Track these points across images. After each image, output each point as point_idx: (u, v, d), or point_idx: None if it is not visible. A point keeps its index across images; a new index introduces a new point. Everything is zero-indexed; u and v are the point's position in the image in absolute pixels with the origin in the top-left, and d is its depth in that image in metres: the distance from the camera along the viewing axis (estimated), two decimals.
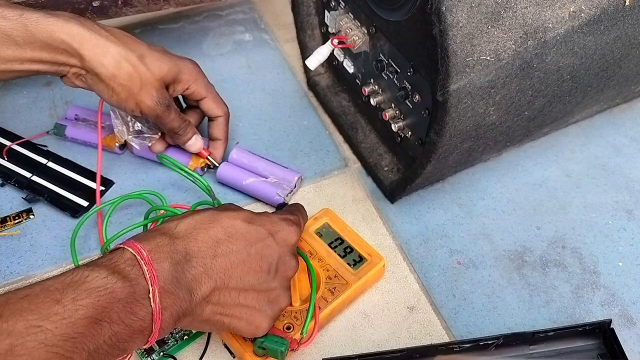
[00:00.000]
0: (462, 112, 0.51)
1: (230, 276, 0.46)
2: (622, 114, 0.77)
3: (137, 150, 0.67)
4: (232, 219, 0.48)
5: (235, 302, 0.47)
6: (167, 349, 0.54)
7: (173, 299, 0.42)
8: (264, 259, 0.48)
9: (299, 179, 0.66)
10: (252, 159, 0.68)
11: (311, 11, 0.72)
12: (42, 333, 0.36)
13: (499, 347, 0.52)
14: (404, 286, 0.60)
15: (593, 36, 0.54)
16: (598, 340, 0.53)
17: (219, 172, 0.67)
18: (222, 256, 0.46)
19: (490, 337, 0.51)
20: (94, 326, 0.38)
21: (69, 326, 0.37)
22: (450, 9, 0.45)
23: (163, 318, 0.42)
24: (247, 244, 0.47)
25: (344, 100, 0.75)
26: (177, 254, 0.44)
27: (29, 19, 0.54)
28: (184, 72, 0.62)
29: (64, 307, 0.37)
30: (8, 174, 0.66)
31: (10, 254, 0.61)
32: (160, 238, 0.44)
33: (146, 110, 0.59)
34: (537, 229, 0.65)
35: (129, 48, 0.58)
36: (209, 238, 0.46)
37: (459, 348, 0.52)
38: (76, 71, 0.58)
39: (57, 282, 0.39)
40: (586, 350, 0.53)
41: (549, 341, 0.53)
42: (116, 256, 0.42)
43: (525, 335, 0.52)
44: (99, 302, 0.39)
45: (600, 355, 0.53)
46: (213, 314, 0.46)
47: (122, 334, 0.40)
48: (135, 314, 0.40)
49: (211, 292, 0.45)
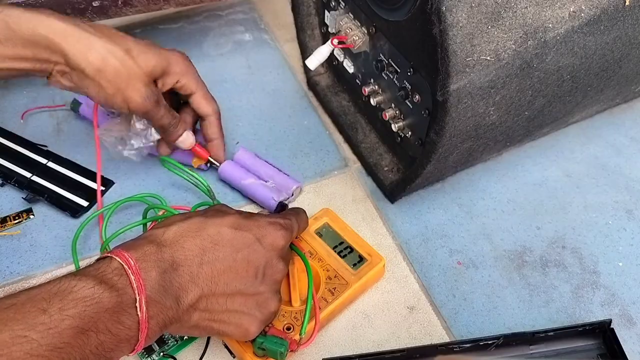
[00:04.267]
0: (462, 112, 0.51)
1: (217, 283, 0.46)
2: (622, 114, 0.77)
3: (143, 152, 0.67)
4: (219, 226, 0.47)
5: (223, 308, 0.47)
6: (167, 349, 0.54)
7: (160, 307, 0.42)
8: (250, 264, 0.47)
9: (297, 188, 0.66)
10: (256, 162, 0.68)
11: (311, 11, 0.72)
12: (27, 343, 0.36)
13: (499, 347, 0.52)
14: (404, 286, 0.60)
15: (593, 36, 0.54)
16: (598, 340, 0.53)
17: (221, 169, 0.67)
18: (209, 263, 0.46)
19: (490, 337, 0.51)
20: (81, 336, 0.38)
21: (55, 336, 0.37)
22: (450, 9, 0.45)
23: (149, 327, 0.42)
24: (233, 251, 0.47)
25: (344, 100, 0.75)
26: (164, 263, 0.44)
27: (10, 16, 0.53)
28: (173, 65, 0.60)
29: (50, 317, 0.37)
30: (8, 174, 0.66)
31: (10, 254, 0.61)
32: (147, 246, 0.44)
33: (134, 106, 0.57)
34: (537, 229, 0.65)
35: (114, 42, 0.56)
36: (196, 246, 0.46)
37: (459, 348, 0.52)
38: (61, 69, 0.56)
39: (44, 291, 0.39)
40: (586, 350, 0.53)
41: (549, 341, 0.53)
42: (104, 265, 0.42)
43: (525, 335, 0.52)
44: (85, 312, 0.38)
45: (600, 355, 0.53)
46: (201, 320, 0.46)
47: (109, 343, 0.40)
48: (122, 323, 0.40)
49: (198, 299, 0.45)
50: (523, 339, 0.52)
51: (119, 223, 0.63)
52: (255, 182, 0.65)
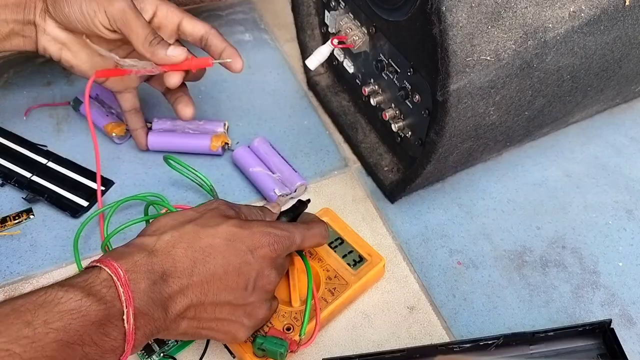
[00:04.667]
0: (462, 112, 0.51)
1: (207, 293, 0.45)
2: (622, 114, 0.77)
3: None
4: (212, 237, 0.46)
5: (211, 316, 0.46)
6: (167, 349, 0.54)
7: (147, 319, 0.42)
8: (241, 276, 0.47)
9: (302, 185, 0.66)
10: (269, 152, 0.68)
11: (311, 11, 0.72)
12: (9, 357, 0.35)
13: (499, 347, 0.52)
14: (404, 286, 0.60)
15: (593, 36, 0.54)
16: (598, 340, 0.53)
17: (235, 153, 0.68)
18: (199, 275, 0.45)
19: (490, 337, 0.51)
20: (65, 349, 0.37)
21: (39, 350, 0.36)
22: (450, 9, 0.45)
23: (136, 337, 0.41)
24: (224, 262, 0.46)
25: (344, 100, 0.75)
26: (154, 274, 0.43)
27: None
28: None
29: (34, 330, 0.36)
30: (8, 174, 0.66)
31: (10, 254, 0.61)
32: (138, 255, 0.43)
33: (116, 13, 0.55)
34: (537, 229, 0.65)
35: None
36: (187, 257, 0.45)
37: (459, 348, 0.52)
38: (42, 7, 0.56)
39: (29, 302, 0.38)
40: (586, 350, 0.53)
41: (549, 341, 0.53)
42: (92, 276, 0.41)
43: (525, 335, 0.52)
44: (71, 326, 0.38)
45: (600, 355, 0.53)
46: (189, 328, 0.46)
47: (93, 354, 0.39)
48: (108, 335, 0.40)
49: (187, 308, 0.45)
50: (523, 339, 0.52)
51: (120, 223, 0.63)
52: (263, 171, 0.66)
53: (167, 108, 0.75)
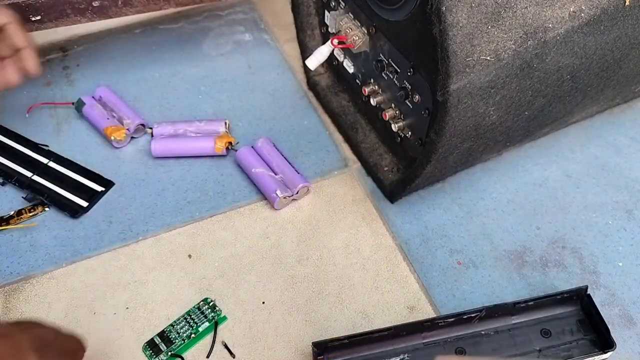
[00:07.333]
0: (462, 112, 0.51)
1: None
2: (622, 114, 0.77)
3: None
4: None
5: None
6: (174, 348, 0.54)
7: None
8: None
9: (304, 187, 0.66)
10: (272, 153, 0.68)
11: (311, 11, 0.72)
12: None
13: (482, 319, 0.54)
14: (404, 286, 0.60)
15: (593, 36, 0.54)
16: (576, 307, 0.56)
17: (238, 154, 0.68)
18: None
19: (473, 310, 0.54)
20: None
21: None
22: (450, 9, 0.45)
23: None
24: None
25: (344, 100, 0.75)
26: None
27: None
28: None
29: None
30: (9, 173, 0.66)
31: (10, 254, 0.61)
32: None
33: None
34: (537, 229, 0.65)
35: None
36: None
37: (444, 322, 0.54)
38: None
39: None
40: (566, 317, 0.56)
41: (530, 311, 0.55)
42: None
43: (507, 306, 0.54)
44: None
45: (580, 321, 0.56)
46: None
47: None
48: None
49: None
50: (505, 310, 0.55)
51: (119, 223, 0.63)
52: (265, 172, 0.66)
53: (166, 108, 0.75)
